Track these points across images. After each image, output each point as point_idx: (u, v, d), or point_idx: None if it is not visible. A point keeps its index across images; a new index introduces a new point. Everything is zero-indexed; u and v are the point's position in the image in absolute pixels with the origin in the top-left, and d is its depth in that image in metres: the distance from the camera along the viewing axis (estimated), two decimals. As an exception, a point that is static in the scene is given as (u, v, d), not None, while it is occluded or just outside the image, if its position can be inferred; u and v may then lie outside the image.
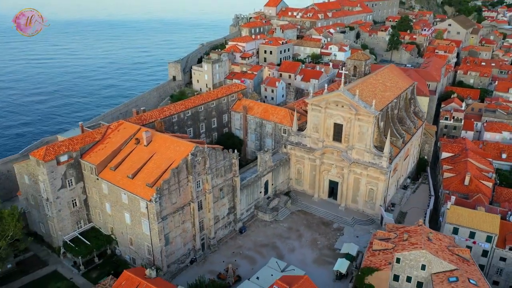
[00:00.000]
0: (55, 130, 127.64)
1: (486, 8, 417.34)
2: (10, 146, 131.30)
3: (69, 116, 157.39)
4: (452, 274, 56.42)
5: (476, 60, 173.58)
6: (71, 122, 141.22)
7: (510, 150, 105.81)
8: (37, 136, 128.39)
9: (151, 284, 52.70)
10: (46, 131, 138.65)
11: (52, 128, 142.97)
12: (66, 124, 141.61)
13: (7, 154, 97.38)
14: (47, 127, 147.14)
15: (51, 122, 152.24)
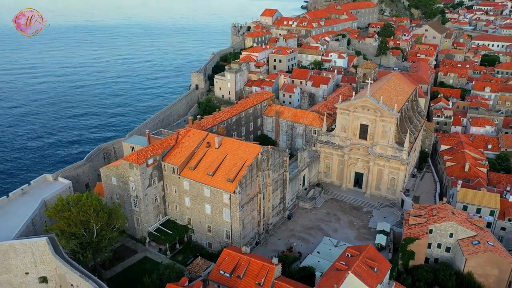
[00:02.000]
0: (104, 139, 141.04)
1: (448, 10, 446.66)
2: (67, 155, 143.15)
3: (110, 126, 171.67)
4: (474, 239, 73.26)
5: (452, 62, 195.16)
6: (116, 130, 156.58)
7: (493, 141, 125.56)
8: (90, 144, 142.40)
9: (249, 257, 66.57)
10: (96, 139, 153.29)
11: (100, 136, 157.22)
12: (111, 132, 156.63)
13: (70, 161, 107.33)
14: (95, 134, 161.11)
15: (97, 130, 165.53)
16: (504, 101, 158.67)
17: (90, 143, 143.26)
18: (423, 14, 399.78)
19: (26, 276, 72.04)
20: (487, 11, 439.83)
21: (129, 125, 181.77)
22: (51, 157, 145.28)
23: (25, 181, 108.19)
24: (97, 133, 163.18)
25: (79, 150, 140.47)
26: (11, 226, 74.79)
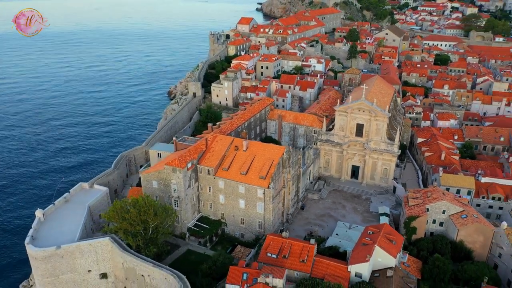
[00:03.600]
0: (124, 147, 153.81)
1: (396, 12, 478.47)
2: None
3: (128, 134, 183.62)
4: (462, 213, 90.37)
5: (412, 63, 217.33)
6: (133, 139, 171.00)
7: (458, 133, 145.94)
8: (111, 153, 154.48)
9: (291, 240, 79.42)
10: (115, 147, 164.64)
11: (119, 145, 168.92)
12: (130, 141, 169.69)
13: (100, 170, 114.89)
14: (113, 145, 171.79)
15: (116, 140, 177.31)
16: (460, 97, 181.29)
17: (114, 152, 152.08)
18: (374, 16, 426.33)
19: (88, 274, 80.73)
20: (430, 12, 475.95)
21: (120, 134, 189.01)
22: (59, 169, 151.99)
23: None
24: (85, 144, 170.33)
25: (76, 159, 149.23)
26: (68, 230, 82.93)
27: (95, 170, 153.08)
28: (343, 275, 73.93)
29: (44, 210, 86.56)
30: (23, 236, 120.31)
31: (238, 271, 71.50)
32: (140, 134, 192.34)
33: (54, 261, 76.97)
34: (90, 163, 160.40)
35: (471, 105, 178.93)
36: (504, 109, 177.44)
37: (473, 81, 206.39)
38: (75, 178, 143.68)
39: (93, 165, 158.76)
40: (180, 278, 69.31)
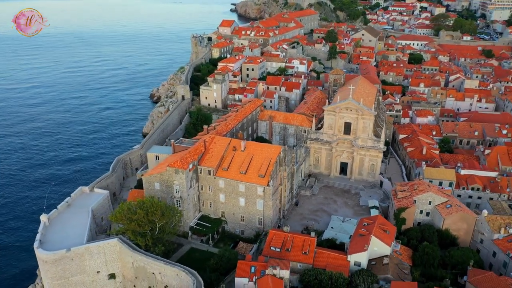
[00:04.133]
0: (111, 151, 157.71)
1: (368, 12, 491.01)
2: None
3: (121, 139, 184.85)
4: (447, 203, 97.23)
5: (389, 62, 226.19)
6: (120, 143, 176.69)
7: (436, 128, 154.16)
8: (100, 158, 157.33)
9: (292, 234, 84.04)
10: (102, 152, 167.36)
11: (106, 150, 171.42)
12: (116, 145, 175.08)
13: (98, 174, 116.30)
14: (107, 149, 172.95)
15: (102, 145, 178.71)
16: (435, 94, 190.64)
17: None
18: (347, 16, 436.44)
19: (97, 275, 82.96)
20: (401, 12, 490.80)
21: (106, 139, 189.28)
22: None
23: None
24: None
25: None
26: (74, 234, 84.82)
27: (85, 176, 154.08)
28: (343, 264, 79.13)
29: (48, 214, 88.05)
30: (22, 242, 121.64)
31: (246, 265, 75.63)
32: (126, 137, 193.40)
33: (64, 263, 78.88)
34: (79, 170, 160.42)
35: (445, 102, 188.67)
36: (476, 105, 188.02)
37: (446, 79, 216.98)
38: (64, 188, 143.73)
39: (82, 172, 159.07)
40: (192, 273, 72.67)
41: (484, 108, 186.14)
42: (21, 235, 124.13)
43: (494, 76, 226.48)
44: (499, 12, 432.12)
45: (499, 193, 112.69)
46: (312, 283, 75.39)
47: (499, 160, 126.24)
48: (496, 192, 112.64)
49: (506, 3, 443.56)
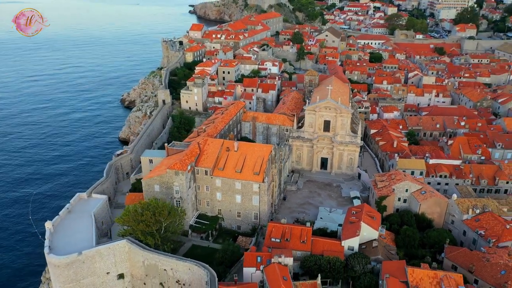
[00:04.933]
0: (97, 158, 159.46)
1: (326, 12, 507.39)
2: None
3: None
4: (422, 190, 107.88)
5: (352, 62, 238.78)
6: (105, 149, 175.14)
7: (402, 123, 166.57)
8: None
9: (290, 225, 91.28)
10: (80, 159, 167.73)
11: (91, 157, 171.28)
12: (94, 151, 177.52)
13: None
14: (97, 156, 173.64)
15: (79, 152, 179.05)
16: (397, 91, 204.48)
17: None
18: (306, 17, 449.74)
19: (107, 276, 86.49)
20: (356, 12, 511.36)
21: (83, 146, 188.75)
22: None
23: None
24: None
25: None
26: (80, 238, 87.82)
27: (68, 185, 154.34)
28: (338, 249, 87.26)
29: (52, 221, 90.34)
30: (19, 251, 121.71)
31: (252, 256, 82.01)
32: (103, 144, 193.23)
33: (76, 266, 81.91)
34: (61, 181, 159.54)
35: (407, 97, 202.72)
36: (434, 99, 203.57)
37: (405, 76, 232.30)
38: (44, 204, 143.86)
39: (64, 181, 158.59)
40: (204, 266, 78.12)
41: (441, 102, 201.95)
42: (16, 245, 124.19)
43: (447, 72, 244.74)
44: (446, 11, 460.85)
45: (463, 178, 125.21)
46: (313, 268, 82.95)
47: (461, 149, 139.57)
48: (461, 178, 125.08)
49: (452, 2, 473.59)
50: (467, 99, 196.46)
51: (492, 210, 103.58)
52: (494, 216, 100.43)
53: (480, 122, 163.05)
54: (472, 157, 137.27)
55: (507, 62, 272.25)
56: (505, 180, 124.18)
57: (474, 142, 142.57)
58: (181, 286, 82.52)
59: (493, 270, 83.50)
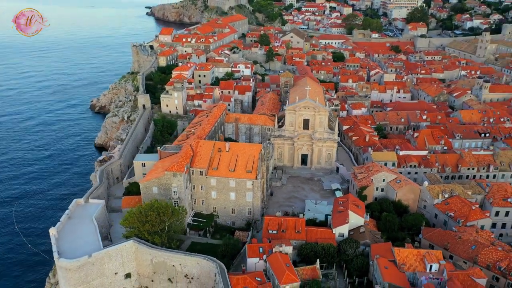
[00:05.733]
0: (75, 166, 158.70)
1: (284, 13, 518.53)
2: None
3: None
4: (397, 179, 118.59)
5: (318, 62, 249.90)
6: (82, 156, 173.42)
7: (370, 118, 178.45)
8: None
9: (284, 218, 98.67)
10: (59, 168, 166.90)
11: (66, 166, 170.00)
12: (72, 157, 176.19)
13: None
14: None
15: (56, 160, 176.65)
16: (362, 88, 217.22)
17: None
18: (266, 18, 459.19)
19: (115, 276, 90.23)
20: (313, 12, 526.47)
21: (59, 155, 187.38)
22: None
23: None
24: None
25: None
26: (86, 242, 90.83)
27: (50, 196, 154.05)
28: (330, 236, 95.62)
29: (55, 227, 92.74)
30: (15, 263, 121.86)
31: (255, 247, 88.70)
32: (78, 151, 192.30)
33: (87, 269, 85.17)
34: (43, 191, 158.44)
35: (371, 94, 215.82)
36: (396, 95, 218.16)
37: (367, 74, 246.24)
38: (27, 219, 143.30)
39: (46, 192, 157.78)
40: (213, 260, 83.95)
41: (402, 98, 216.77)
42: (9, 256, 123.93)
43: (405, 69, 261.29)
44: (398, 11, 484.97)
45: (431, 167, 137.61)
46: (309, 254, 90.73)
47: (426, 141, 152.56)
48: (429, 167, 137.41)
49: (403, 2, 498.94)
50: (425, 94, 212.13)
51: (459, 194, 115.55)
52: (461, 199, 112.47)
53: (439, 115, 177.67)
54: (436, 148, 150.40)
55: (457, 59, 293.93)
56: (466, 167, 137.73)
57: (436, 134, 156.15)
58: (189, 280, 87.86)
59: (465, 246, 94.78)
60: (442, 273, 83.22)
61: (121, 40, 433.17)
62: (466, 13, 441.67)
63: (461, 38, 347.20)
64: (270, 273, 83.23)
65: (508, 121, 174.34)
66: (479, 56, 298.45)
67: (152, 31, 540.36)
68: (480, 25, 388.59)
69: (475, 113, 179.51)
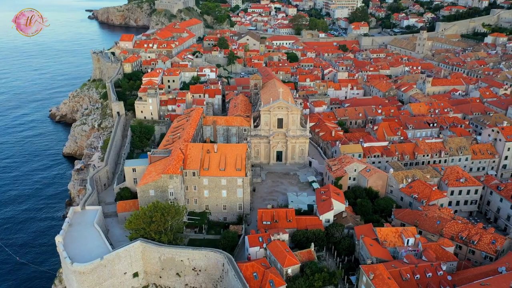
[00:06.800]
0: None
1: (232, 14, 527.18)
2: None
3: None
4: (367, 169, 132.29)
5: (275, 63, 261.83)
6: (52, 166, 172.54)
7: (332, 114, 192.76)
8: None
9: (277, 209, 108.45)
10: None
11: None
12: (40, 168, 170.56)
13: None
14: None
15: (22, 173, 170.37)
16: (319, 87, 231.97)
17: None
18: (215, 20, 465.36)
19: (124, 276, 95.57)
20: (260, 13, 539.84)
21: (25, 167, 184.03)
22: None
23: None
24: None
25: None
26: (93, 246, 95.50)
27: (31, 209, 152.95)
28: (317, 223, 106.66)
29: (60, 235, 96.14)
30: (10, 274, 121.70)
31: (255, 237, 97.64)
32: (45, 162, 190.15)
33: (99, 271, 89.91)
34: (19, 207, 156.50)
35: (327, 92, 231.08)
36: (350, 92, 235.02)
37: (322, 73, 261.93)
38: None
39: (23, 207, 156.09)
40: (220, 252, 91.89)
41: (356, 94, 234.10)
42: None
43: (355, 67, 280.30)
44: (340, 11, 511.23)
45: (391, 156, 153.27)
46: (302, 240, 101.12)
47: (385, 133, 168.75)
48: (390, 156, 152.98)
49: (344, 3, 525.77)
50: (377, 90, 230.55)
51: (420, 178, 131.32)
52: (422, 182, 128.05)
53: (392, 109, 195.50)
54: (394, 138, 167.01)
55: (400, 55, 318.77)
56: (422, 154, 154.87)
57: (393, 126, 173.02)
58: (197, 272, 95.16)
59: (431, 222, 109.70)
60: (418, 245, 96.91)
61: (68, 46, 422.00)
62: (402, 12, 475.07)
63: (400, 36, 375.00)
64: (272, 259, 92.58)
65: (451, 111, 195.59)
66: (418, 53, 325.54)
67: (97, 35, 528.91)
68: (416, 23, 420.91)
69: (423, 105, 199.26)
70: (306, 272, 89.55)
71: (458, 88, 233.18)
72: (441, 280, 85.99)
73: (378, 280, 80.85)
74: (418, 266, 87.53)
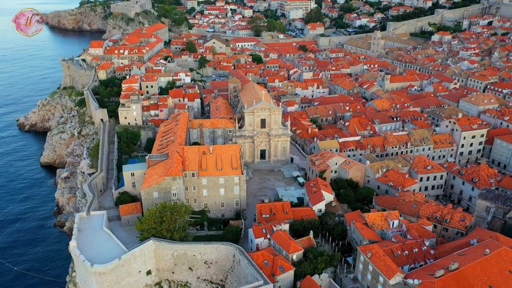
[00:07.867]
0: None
1: (189, 16, 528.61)
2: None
3: None
4: (347, 161, 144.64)
5: (243, 65, 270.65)
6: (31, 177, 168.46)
7: (304, 113, 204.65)
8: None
9: (273, 203, 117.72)
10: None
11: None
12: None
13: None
14: None
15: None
16: (287, 87, 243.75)
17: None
18: (173, 22, 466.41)
19: (139, 274, 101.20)
20: (217, 15, 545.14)
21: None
22: None
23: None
24: None
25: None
26: (107, 248, 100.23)
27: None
28: (311, 213, 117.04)
29: (73, 240, 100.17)
30: None
31: (259, 229, 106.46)
32: (23, 173, 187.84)
33: (118, 270, 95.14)
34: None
35: (295, 91, 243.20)
36: (316, 91, 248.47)
37: (287, 73, 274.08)
38: None
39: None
40: (230, 244, 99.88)
41: (322, 93, 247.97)
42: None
43: (318, 67, 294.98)
44: (295, 12, 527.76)
45: (364, 149, 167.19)
46: (299, 229, 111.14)
47: (356, 128, 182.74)
48: (363, 149, 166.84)
49: (298, 4, 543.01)
50: (341, 88, 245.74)
51: (393, 167, 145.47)
52: (395, 171, 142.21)
53: (358, 105, 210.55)
54: (364, 133, 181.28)
55: (357, 54, 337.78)
56: (391, 146, 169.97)
57: (362, 121, 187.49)
58: (208, 265, 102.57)
59: (408, 206, 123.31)
60: (402, 226, 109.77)
61: (23, 53, 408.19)
62: (353, 12, 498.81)
63: (355, 36, 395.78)
64: (277, 247, 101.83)
65: (410, 105, 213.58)
66: (374, 51, 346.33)
67: (50, 40, 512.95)
68: (368, 23, 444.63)
69: (385, 101, 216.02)
70: (309, 256, 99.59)
71: (414, 84, 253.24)
72: (425, 254, 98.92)
73: (375, 258, 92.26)
74: (405, 244, 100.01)
